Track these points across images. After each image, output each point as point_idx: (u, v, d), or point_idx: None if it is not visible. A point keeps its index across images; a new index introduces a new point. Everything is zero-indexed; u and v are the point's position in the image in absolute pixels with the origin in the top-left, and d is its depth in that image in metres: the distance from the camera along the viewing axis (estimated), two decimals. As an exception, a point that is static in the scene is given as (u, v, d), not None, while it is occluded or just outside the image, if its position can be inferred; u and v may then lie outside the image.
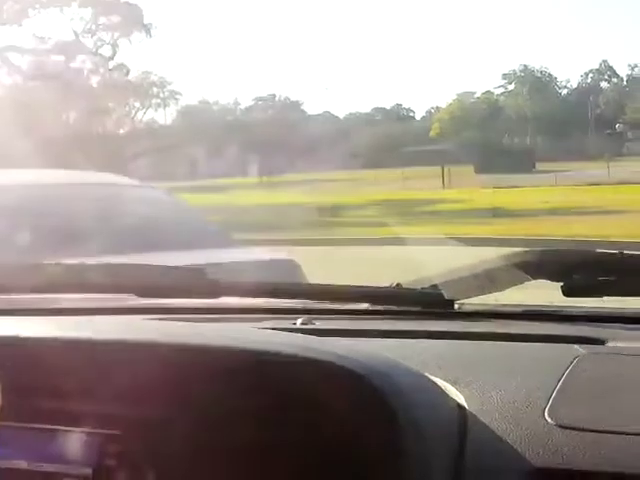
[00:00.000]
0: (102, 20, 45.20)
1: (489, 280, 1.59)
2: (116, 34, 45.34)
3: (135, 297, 1.80)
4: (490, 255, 1.65)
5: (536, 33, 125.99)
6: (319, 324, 1.58)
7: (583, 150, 75.39)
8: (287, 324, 1.56)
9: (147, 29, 45.26)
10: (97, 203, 4.92)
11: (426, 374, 1.19)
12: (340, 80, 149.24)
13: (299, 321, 1.59)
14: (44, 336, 1.23)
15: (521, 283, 1.58)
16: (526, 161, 58.17)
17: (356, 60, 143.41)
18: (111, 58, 45.93)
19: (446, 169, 42.47)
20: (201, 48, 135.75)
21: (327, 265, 11.65)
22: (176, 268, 1.84)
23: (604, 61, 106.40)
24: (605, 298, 1.55)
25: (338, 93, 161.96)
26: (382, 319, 1.68)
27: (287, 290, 1.87)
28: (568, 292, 1.51)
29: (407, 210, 23.40)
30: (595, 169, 42.52)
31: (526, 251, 1.61)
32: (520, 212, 22.26)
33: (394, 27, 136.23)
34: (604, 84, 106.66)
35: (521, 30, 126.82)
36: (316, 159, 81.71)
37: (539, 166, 56.86)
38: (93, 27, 45.33)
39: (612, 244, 13.15)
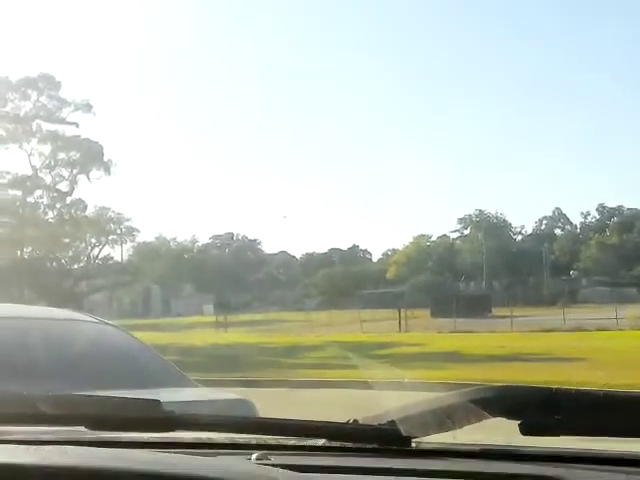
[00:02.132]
0: (61, 156, 45.62)
1: (447, 417, 1.58)
2: (75, 170, 45.71)
3: (86, 430, 1.75)
4: (448, 392, 1.65)
5: (491, 179, 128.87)
6: (274, 459, 1.55)
7: (539, 296, 76.21)
8: (242, 459, 1.53)
9: (107, 166, 45.72)
10: (51, 338, 4.86)
11: None
12: (297, 220, 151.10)
13: (254, 456, 1.55)
14: None
15: (479, 421, 1.57)
16: (482, 305, 58.62)
17: (314, 201, 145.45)
18: (69, 194, 46.16)
19: (402, 312, 42.59)
20: (160, 185, 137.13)
21: (283, 406, 11.53)
22: (130, 400, 1.81)
23: (557, 208, 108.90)
24: (563, 437, 1.54)
25: (295, 232, 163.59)
26: (338, 455, 1.65)
27: (242, 425, 1.84)
28: (526, 430, 1.50)
29: (363, 353, 23.30)
30: (551, 315, 42.85)
31: (484, 388, 1.60)
32: (476, 357, 22.28)
33: (352, 169, 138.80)
34: (558, 231, 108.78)
35: (477, 175, 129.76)
36: (272, 299, 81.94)
37: (495, 311, 57.22)
38: (52, 163, 45.70)
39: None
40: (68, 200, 46.33)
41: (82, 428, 1.76)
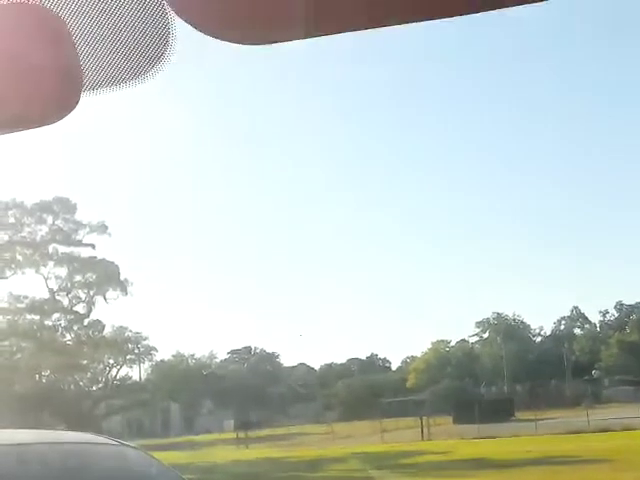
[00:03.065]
0: (78, 278, 45.90)
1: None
2: (92, 291, 45.94)
3: None
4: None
5: (508, 281, 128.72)
6: None
7: (562, 397, 75.35)
8: None
9: (123, 286, 45.92)
10: (70, 462, 4.82)
11: None
12: (315, 330, 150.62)
13: None
14: None
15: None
16: (504, 410, 57.87)
17: (330, 310, 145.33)
18: (86, 315, 46.30)
19: (424, 420, 42.12)
20: (176, 302, 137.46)
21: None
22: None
23: (575, 307, 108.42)
24: None
25: (313, 344, 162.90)
26: None
27: None
28: None
29: (387, 463, 22.99)
30: (575, 417, 42.34)
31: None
32: (503, 462, 21.92)
33: (368, 277, 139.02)
34: (577, 330, 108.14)
35: (493, 278, 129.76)
36: (293, 412, 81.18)
37: (518, 415, 56.54)
38: (69, 285, 45.97)
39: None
40: (85, 322, 46.47)
41: None
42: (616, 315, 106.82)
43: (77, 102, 1.28)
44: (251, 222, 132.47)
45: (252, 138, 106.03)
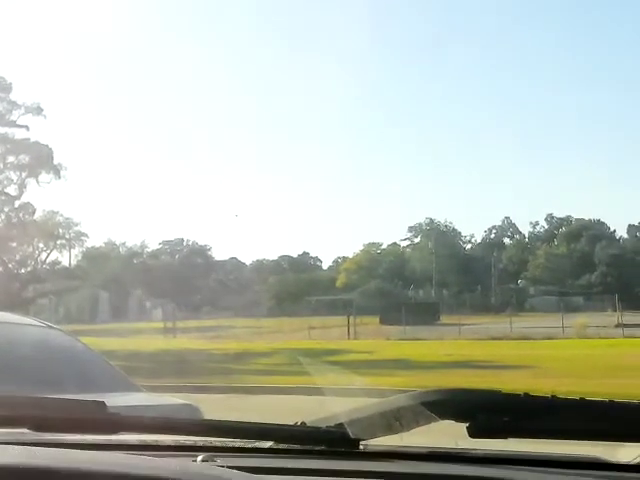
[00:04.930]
0: (10, 159, 45.07)
1: (395, 419, 1.57)
2: (24, 174, 45.18)
3: (29, 432, 1.72)
4: (396, 395, 1.64)
5: (442, 188, 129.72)
6: (220, 461, 1.53)
7: (487, 304, 76.87)
8: (187, 461, 1.50)
9: (56, 170, 45.20)
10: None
11: None
12: (248, 225, 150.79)
13: (199, 458, 1.53)
14: None
15: (427, 423, 1.56)
16: (431, 313, 58.93)
17: (264, 206, 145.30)
18: (17, 197, 45.61)
19: (351, 319, 42.67)
20: (110, 190, 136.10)
21: (230, 412, 11.47)
22: (73, 401, 1.77)
23: (506, 218, 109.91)
24: (510, 439, 1.54)
25: (245, 239, 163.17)
26: (286, 457, 1.64)
27: (188, 427, 1.81)
28: (473, 433, 1.49)
29: (312, 360, 23.31)
30: (498, 323, 43.21)
31: (432, 391, 1.59)
32: (425, 364, 22.36)
33: (303, 175, 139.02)
34: (507, 240, 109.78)
35: (428, 184, 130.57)
36: (222, 305, 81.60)
37: (444, 319, 57.59)
38: (1, 166, 45.13)
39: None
40: (16, 204, 45.76)
41: (24, 430, 1.72)
42: (546, 227, 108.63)
43: None
44: (184, 103, 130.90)
45: None
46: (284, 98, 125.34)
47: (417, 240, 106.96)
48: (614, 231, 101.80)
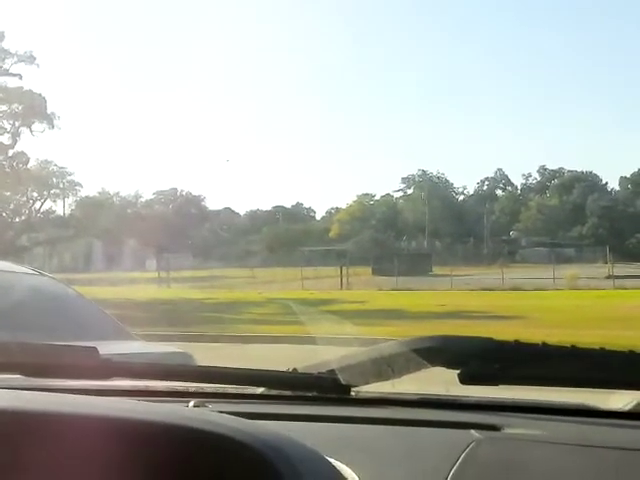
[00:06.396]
0: (3, 108, 44.78)
1: (387, 366, 1.57)
2: (17, 122, 44.92)
3: (21, 377, 1.72)
4: (388, 342, 1.64)
5: (435, 139, 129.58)
6: (212, 407, 1.53)
7: (479, 255, 77.02)
8: (179, 407, 1.51)
9: (50, 119, 44.96)
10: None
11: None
12: (241, 176, 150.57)
13: (191, 404, 1.54)
14: None
15: (419, 370, 1.57)
16: (423, 264, 59.04)
17: (258, 157, 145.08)
18: (11, 146, 45.39)
19: (344, 270, 42.79)
20: (104, 140, 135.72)
21: (223, 360, 11.52)
22: (66, 347, 1.78)
23: (499, 169, 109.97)
24: (501, 386, 1.55)
25: (239, 189, 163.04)
26: (277, 403, 1.65)
27: (180, 373, 1.82)
28: (465, 380, 1.50)
29: (304, 309, 23.37)
30: (490, 274, 43.35)
31: (423, 338, 1.60)
32: (417, 314, 22.46)
33: (297, 126, 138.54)
34: (499, 192, 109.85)
35: (421, 135, 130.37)
36: (215, 255, 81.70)
37: (436, 270, 57.73)
38: (-6, 115, 44.86)
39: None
40: (10, 153, 45.54)
41: (17, 375, 1.73)
42: (538, 179, 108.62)
43: None
44: (176, 47, 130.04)
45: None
46: (277, 42, 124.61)
47: (410, 191, 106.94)
48: (606, 183, 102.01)
